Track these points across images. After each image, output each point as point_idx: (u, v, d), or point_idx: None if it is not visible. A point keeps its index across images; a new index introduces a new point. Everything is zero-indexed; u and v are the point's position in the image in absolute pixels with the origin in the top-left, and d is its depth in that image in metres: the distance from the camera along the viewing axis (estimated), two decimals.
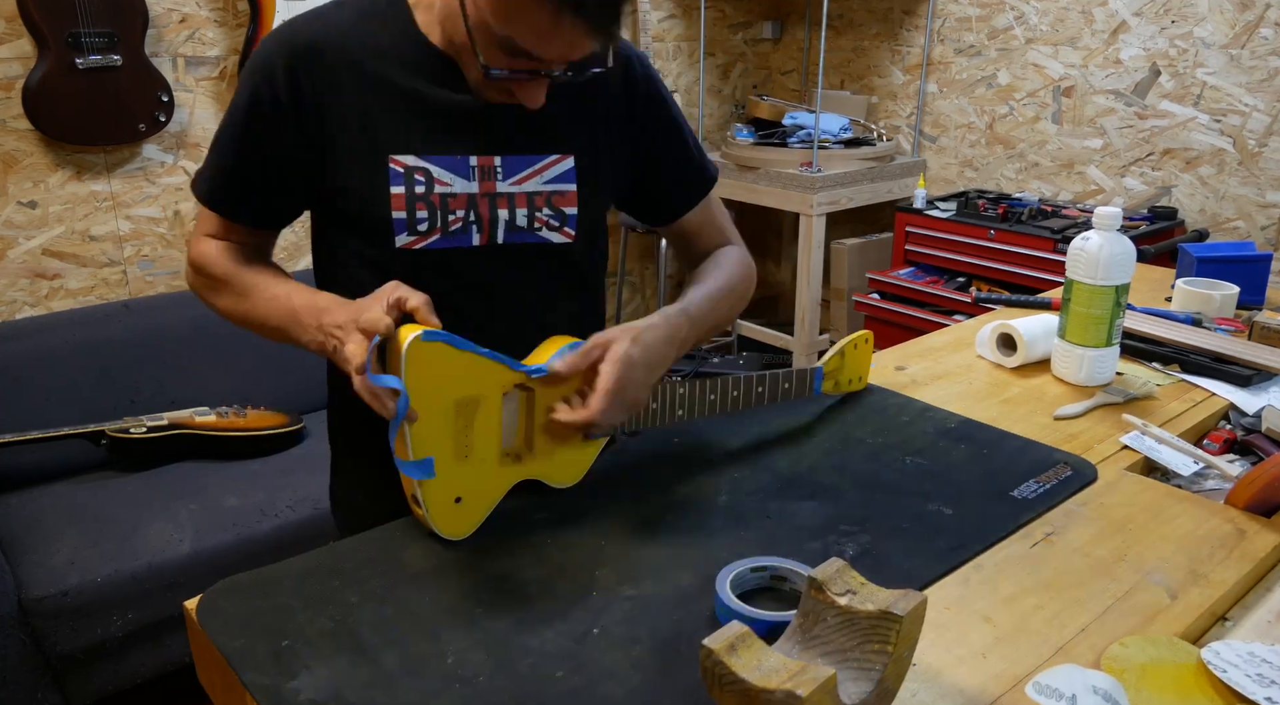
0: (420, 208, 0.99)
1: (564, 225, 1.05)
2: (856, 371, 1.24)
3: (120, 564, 1.76)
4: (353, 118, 0.97)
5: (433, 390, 0.85)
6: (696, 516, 0.95)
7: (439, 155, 0.99)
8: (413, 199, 0.99)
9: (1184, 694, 0.71)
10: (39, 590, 1.68)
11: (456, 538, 0.91)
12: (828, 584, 0.68)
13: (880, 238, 3.45)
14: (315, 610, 0.81)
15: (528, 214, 1.03)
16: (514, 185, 1.02)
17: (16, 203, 2.27)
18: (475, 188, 1.01)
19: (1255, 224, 2.69)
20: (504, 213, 1.02)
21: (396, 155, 0.98)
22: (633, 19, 3.45)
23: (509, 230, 1.03)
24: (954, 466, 1.06)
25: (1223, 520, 0.95)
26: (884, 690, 0.66)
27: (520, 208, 1.03)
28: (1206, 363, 1.34)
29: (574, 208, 1.05)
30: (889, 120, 3.58)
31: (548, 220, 1.04)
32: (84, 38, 2.14)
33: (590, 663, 0.74)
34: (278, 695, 0.71)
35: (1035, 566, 0.88)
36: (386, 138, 0.97)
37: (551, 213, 1.04)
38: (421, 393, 0.84)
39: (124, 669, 1.78)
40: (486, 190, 1.01)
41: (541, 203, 1.04)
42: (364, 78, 0.97)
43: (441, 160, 0.99)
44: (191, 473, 2.10)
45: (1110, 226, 1.23)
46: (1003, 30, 3.14)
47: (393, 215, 0.98)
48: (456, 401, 0.87)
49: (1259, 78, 2.60)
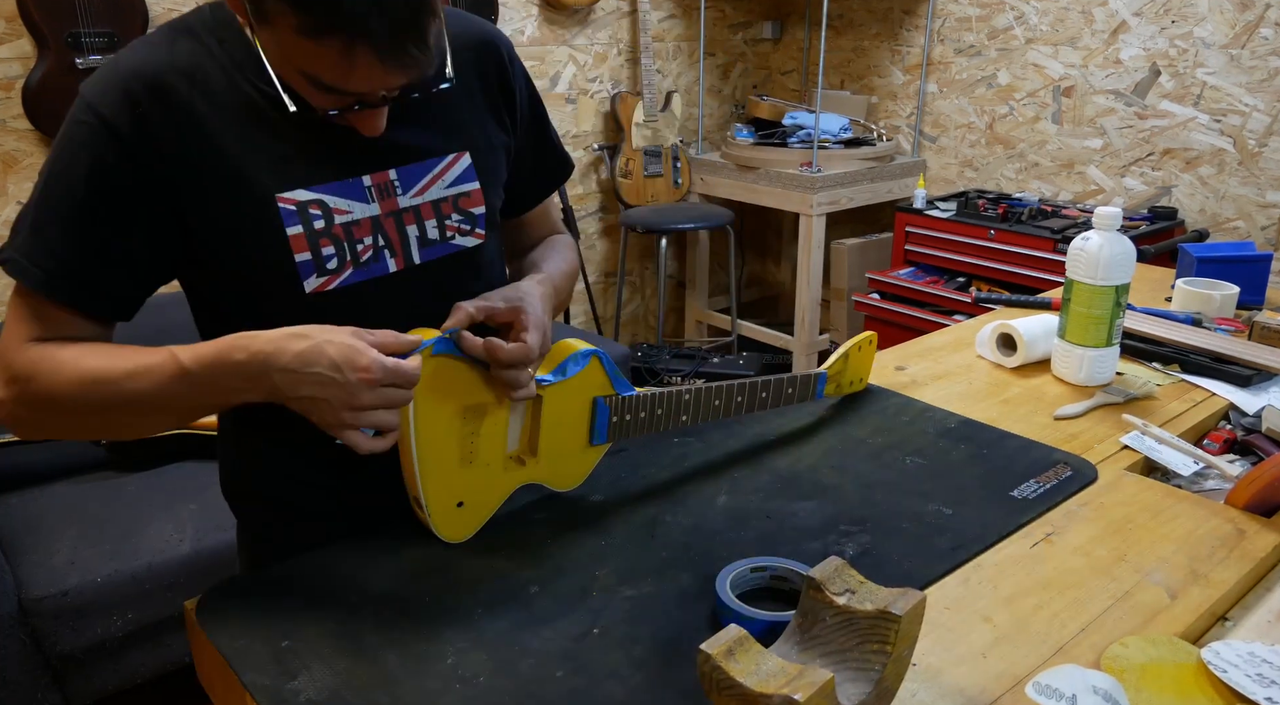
0: (325, 244, 0.88)
1: (475, 227, 0.99)
2: (858, 373, 1.24)
3: (120, 564, 1.75)
4: (221, 160, 0.84)
5: (441, 400, 0.85)
6: (696, 516, 0.95)
7: (330, 182, 0.88)
8: (314, 236, 0.87)
9: (1184, 694, 0.71)
10: (39, 590, 1.68)
11: (457, 541, 0.91)
12: (826, 583, 0.68)
13: (880, 238, 3.45)
14: (315, 610, 0.81)
15: (437, 224, 0.95)
16: (416, 197, 0.94)
17: (16, 203, 2.27)
18: (376, 210, 0.91)
19: (1255, 224, 2.69)
20: (413, 229, 0.94)
21: (283, 193, 0.86)
22: (633, 19, 3.45)
23: (423, 246, 0.95)
24: (954, 466, 1.06)
25: (1223, 520, 0.95)
26: (883, 690, 0.66)
27: (429, 220, 0.95)
28: (1206, 363, 1.34)
29: (481, 207, 0.99)
30: (889, 120, 3.58)
31: (459, 226, 0.97)
32: (84, 37, 2.14)
33: (590, 663, 0.74)
34: (278, 695, 0.71)
35: (1035, 566, 0.88)
36: (267, 175, 0.85)
37: (461, 217, 0.97)
38: (429, 403, 0.84)
39: (124, 669, 1.78)
40: (389, 209, 0.92)
41: (449, 209, 0.96)
42: (224, 112, 0.84)
43: (334, 187, 0.88)
44: (191, 473, 2.10)
45: (1110, 226, 1.23)
46: (1003, 30, 3.14)
47: (296, 259, 0.87)
48: (464, 408, 0.87)
49: (1259, 78, 2.60)
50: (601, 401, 0.95)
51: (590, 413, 0.96)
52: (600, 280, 3.69)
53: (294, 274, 0.87)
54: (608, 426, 0.97)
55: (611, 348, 2.69)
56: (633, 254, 3.78)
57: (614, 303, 3.71)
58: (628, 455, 1.08)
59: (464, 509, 0.90)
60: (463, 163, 0.97)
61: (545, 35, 3.25)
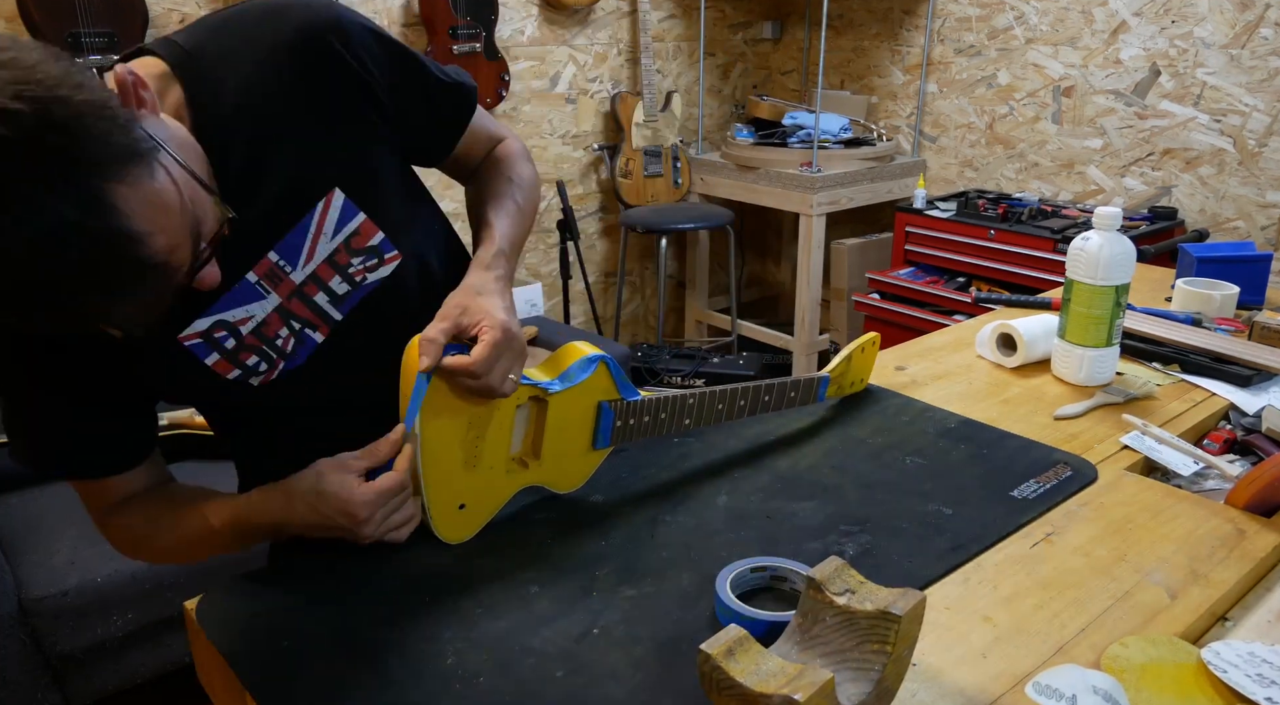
0: (245, 357, 0.88)
1: (381, 256, 0.92)
2: (860, 374, 1.24)
3: (120, 564, 1.75)
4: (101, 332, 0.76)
5: (445, 415, 0.85)
6: (696, 516, 0.95)
7: (218, 299, 0.85)
8: (233, 356, 0.87)
9: (1184, 694, 0.71)
10: (39, 590, 1.68)
11: (457, 542, 0.91)
12: (826, 583, 0.68)
13: (880, 238, 3.45)
14: (315, 610, 0.81)
15: (342, 277, 0.90)
16: (307, 266, 0.88)
17: None
18: (276, 300, 0.88)
19: (1255, 224, 2.69)
20: (321, 296, 0.90)
21: (182, 332, 0.85)
22: (633, 19, 3.45)
23: (338, 304, 0.91)
24: (954, 466, 1.06)
25: (1223, 520, 0.95)
26: (883, 690, 0.66)
27: (331, 279, 0.90)
28: (1206, 363, 1.34)
29: (377, 234, 0.91)
30: (889, 120, 3.58)
31: (363, 266, 0.91)
32: (84, 37, 2.14)
33: (590, 663, 0.74)
34: (279, 696, 0.71)
35: (1035, 566, 0.88)
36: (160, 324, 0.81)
37: (361, 257, 0.91)
38: (434, 423, 0.84)
39: (124, 669, 1.78)
40: (287, 292, 0.88)
41: (345, 258, 0.90)
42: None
43: (224, 302, 0.85)
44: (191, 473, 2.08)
45: (1110, 226, 1.23)
46: (1003, 30, 3.14)
47: (229, 377, 0.88)
48: (469, 416, 0.87)
49: (1259, 78, 2.60)
50: (606, 406, 0.95)
51: (594, 417, 0.96)
52: (600, 280, 3.69)
53: (236, 386, 0.90)
54: (611, 431, 0.97)
55: (611, 348, 2.69)
56: (633, 254, 3.78)
57: (614, 303, 3.71)
58: (628, 456, 1.08)
59: (465, 511, 0.90)
60: (336, 202, 0.88)
61: (545, 35, 3.25)
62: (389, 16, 2.75)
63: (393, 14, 2.76)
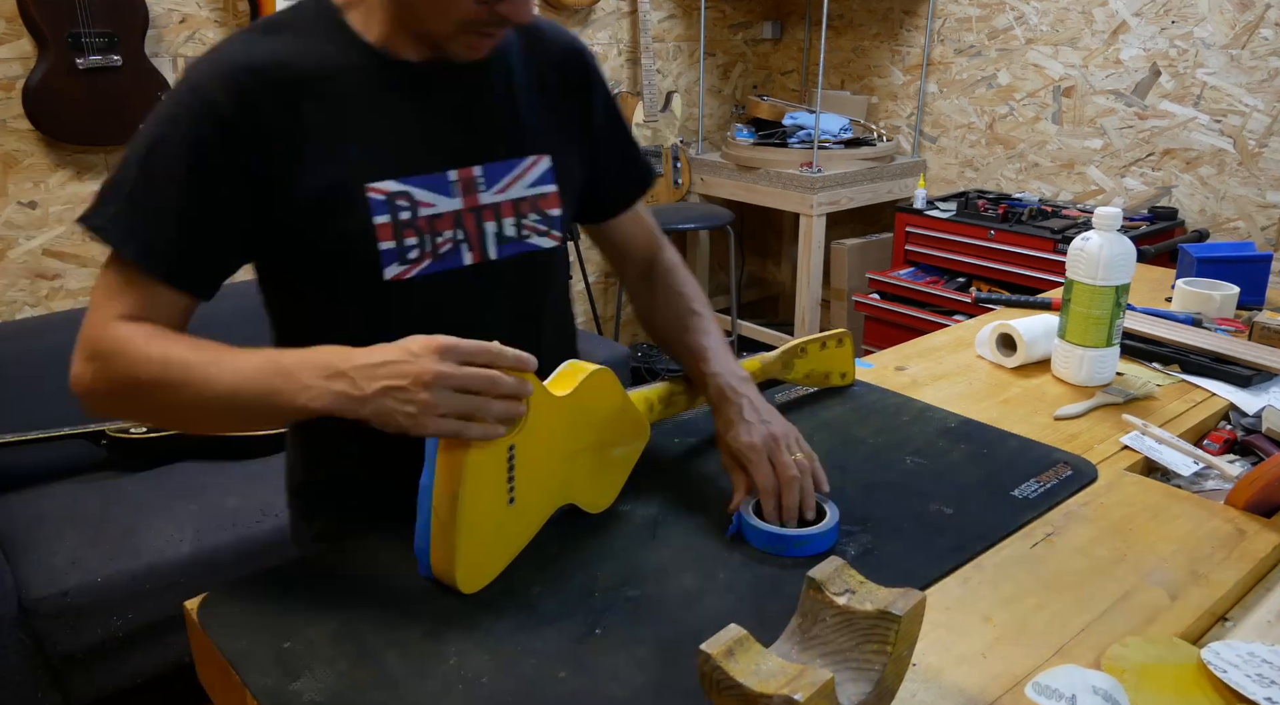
0: (409, 235, 0.91)
1: (550, 229, 1.01)
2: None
3: (120, 564, 1.75)
4: (315, 148, 0.87)
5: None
6: (698, 517, 0.95)
7: (418, 175, 0.92)
8: (399, 227, 0.91)
9: (1184, 694, 0.71)
10: (39, 590, 1.68)
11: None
12: (826, 583, 0.68)
13: (880, 238, 3.45)
14: (317, 611, 0.81)
15: (515, 222, 0.99)
16: (498, 194, 0.97)
17: (16, 203, 2.27)
18: (459, 204, 0.95)
19: (1255, 224, 2.69)
20: (491, 225, 0.97)
21: (373, 183, 0.89)
22: (633, 19, 3.45)
23: (499, 243, 0.98)
24: (954, 466, 1.06)
25: (1223, 520, 0.95)
26: (883, 690, 0.66)
27: (507, 217, 0.98)
28: (1206, 363, 1.34)
29: (557, 209, 1.02)
30: (889, 120, 3.58)
31: (535, 225, 1.00)
32: (84, 38, 2.14)
33: (593, 663, 0.74)
34: (280, 696, 0.71)
35: (1035, 566, 0.88)
36: (358, 165, 0.89)
37: (538, 217, 1.00)
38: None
39: (124, 669, 1.78)
40: (470, 205, 0.95)
41: (527, 209, 0.99)
42: (320, 102, 0.88)
43: (421, 180, 0.92)
44: (191, 473, 2.10)
45: (1110, 227, 1.23)
46: (1003, 30, 3.15)
47: (380, 247, 0.90)
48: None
49: (1259, 78, 2.60)
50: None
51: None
52: (600, 280, 3.69)
53: (376, 262, 0.90)
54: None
55: (611, 348, 2.69)
56: None
57: (614, 303, 3.71)
58: None
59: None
60: (543, 165, 1.00)
61: None
62: None
63: None
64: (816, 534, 0.88)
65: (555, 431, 0.86)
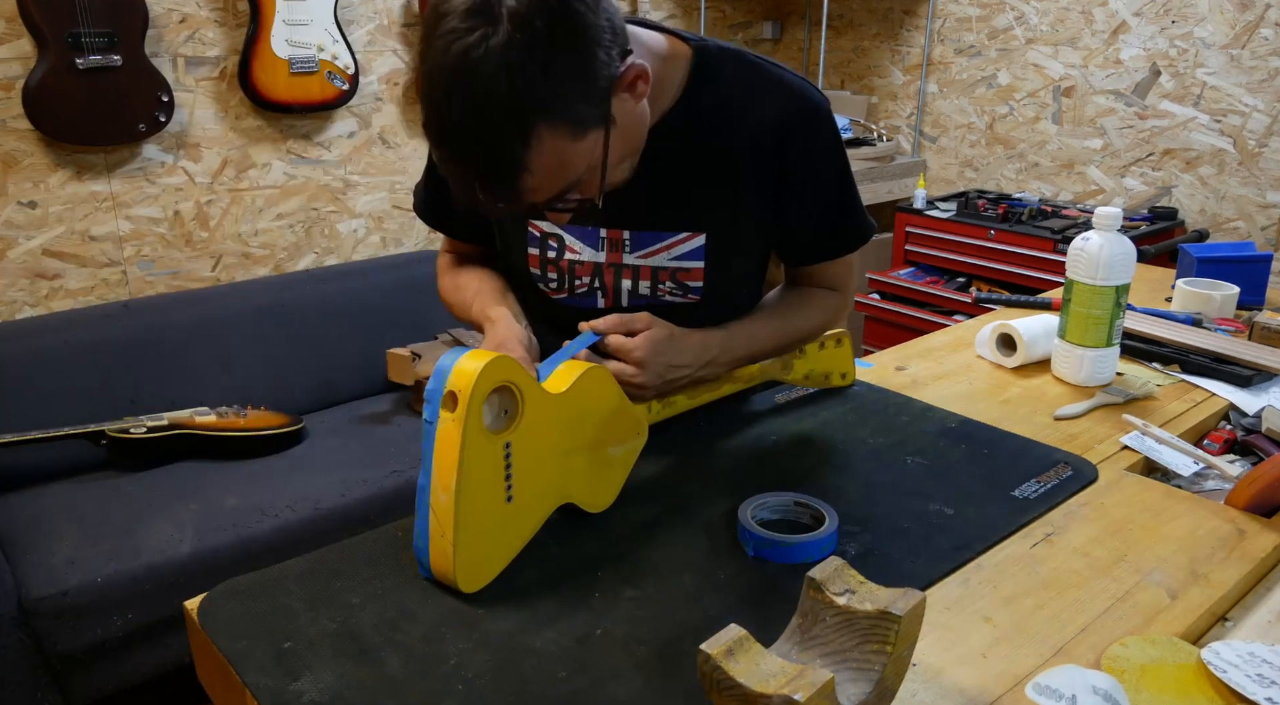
0: (550, 270, 1.09)
1: (687, 294, 1.08)
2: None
3: (120, 564, 1.75)
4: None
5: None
6: (698, 516, 0.95)
7: (573, 225, 1.05)
8: (545, 262, 1.09)
9: (1184, 694, 0.71)
10: (39, 590, 1.68)
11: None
12: (826, 583, 0.68)
13: (880, 238, 3.45)
14: (317, 611, 0.81)
15: (650, 285, 1.08)
16: (639, 259, 1.07)
17: (16, 203, 2.27)
18: (602, 258, 1.07)
19: (1255, 224, 2.70)
20: (627, 283, 1.08)
21: (536, 220, 1.07)
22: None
23: (632, 297, 1.09)
24: (954, 466, 1.06)
25: (1223, 520, 0.95)
26: (883, 690, 0.66)
27: (644, 280, 1.08)
28: (1206, 363, 1.34)
29: (699, 282, 1.08)
30: (889, 120, 3.58)
31: (670, 290, 1.08)
32: (84, 38, 2.14)
33: (593, 664, 0.74)
34: (280, 696, 0.71)
35: (1035, 566, 0.88)
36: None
37: (674, 285, 1.08)
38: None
39: (124, 669, 1.78)
40: (613, 261, 1.07)
41: (665, 277, 1.07)
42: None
43: (575, 229, 1.06)
44: (191, 473, 2.10)
45: (1110, 227, 1.23)
46: (1003, 30, 3.15)
47: (530, 270, 1.11)
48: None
49: (1259, 78, 2.60)
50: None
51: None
52: None
53: (529, 278, 1.12)
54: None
55: None
56: None
57: None
58: None
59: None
60: (695, 243, 1.06)
61: None
62: (389, 16, 2.75)
63: (393, 14, 2.75)
64: (814, 540, 0.87)
65: (552, 429, 0.87)
